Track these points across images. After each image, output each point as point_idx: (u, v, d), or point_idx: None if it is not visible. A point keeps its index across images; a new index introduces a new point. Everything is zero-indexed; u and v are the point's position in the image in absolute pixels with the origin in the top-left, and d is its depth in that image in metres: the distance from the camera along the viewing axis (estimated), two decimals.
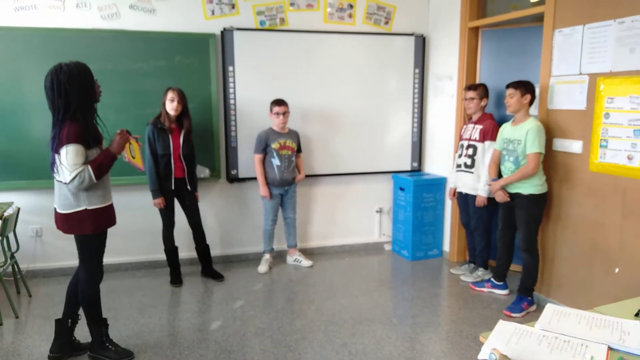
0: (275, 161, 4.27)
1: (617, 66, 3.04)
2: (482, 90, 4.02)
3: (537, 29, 3.79)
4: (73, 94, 2.53)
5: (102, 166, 2.63)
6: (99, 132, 2.72)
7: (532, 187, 3.44)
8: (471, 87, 4.06)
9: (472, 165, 4.02)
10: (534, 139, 3.35)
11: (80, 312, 2.91)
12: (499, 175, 3.69)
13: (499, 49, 4.30)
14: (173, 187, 3.92)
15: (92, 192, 2.64)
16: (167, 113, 3.83)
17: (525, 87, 3.45)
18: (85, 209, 2.64)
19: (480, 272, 4.17)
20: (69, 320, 2.87)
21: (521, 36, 4.12)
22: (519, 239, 3.57)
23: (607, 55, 3.10)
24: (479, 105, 4.02)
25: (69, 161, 2.52)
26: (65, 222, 2.67)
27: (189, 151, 3.97)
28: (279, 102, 4.23)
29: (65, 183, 2.57)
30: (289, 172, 4.35)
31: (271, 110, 4.24)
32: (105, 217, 2.73)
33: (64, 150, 2.51)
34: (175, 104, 3.82)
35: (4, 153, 3.94)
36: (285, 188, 4.41)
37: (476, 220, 4.11)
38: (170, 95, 3.82)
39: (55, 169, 2.60)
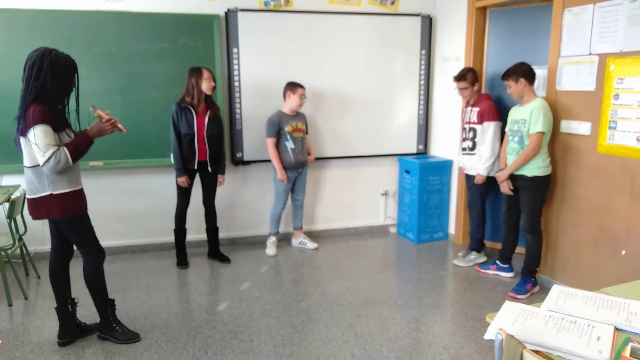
0: (290, 144, 4.25)
1: (628, 46, 2.99)
2: (471, 76, 3.97)
3: (546, 9, 3.72)
4: (50, 83, 2.50)
5: (80, 149, 2.58)
6: (66, 117, 2.68)
7: (535, 169, 3.43)
8: (459, 78, 3.99)
9: (473, 147, 4.03)
10: (537, 118, 3.33)
11: (79, 294, 2.93)
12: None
13: (507, 29, 4.23)
14: (196, 167, 3.94)
15: (57, 176, 2.58)
16: (200, 93, 3.83)
17: (516, 73, 3.43)
18: (51, 194, 2.58)
19: (473, 256, 4.16)
20: (68, 305, 2.89)
21: (530, 16, 4.05)
22: (523, 220, 3.57)
23: (618, 34, 3.04)
24: (473, 92, 4.01)
25: (39, 142, 2.46)
26: (33, 207, 2.63)
27: (216, 132, 3.96)
28: (303, 85, 4.22)
29: (40, 166, 2.51)
30: (302, 154, 4.35)
31: (294, 91, 4.18)
32: (73, 201, 2.65)
33: (31, 133, 2.46)
34: (212, 82, 3.85)
35: (10, 136, 3.93)
36: (299, 170, 4.41)
37: (470, 199, 4.16)
38: (206, 74, 3.82)
39: (21, 149, 2.56)
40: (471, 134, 4.04)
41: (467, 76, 3.97)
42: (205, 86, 3.83)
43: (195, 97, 3.83)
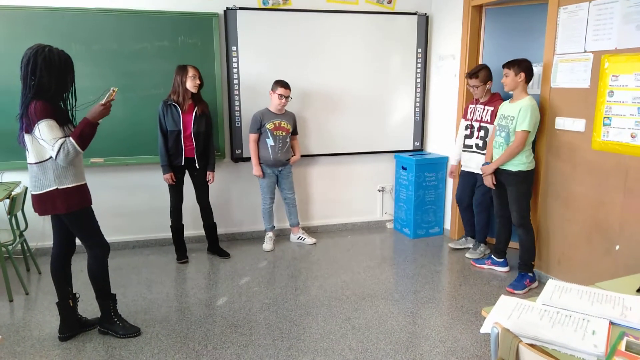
0: (270, 141, 4.28)
1: (622, 43, 3.02)
2: (484, 74, 3.93)
3: (542, 7, 3.75)
4: (47, 79, 2.51)
5: (84, 135, 2.58)
6: (67, 113, 2.69)
7: (520, 164, 3.51)
8: (472, 75, 3.95)
9: (484, 147, 4.00)
10: (524, 117, 3.40)
11: (80, 289, 2.93)
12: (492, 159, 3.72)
13: (502, 27, 4.26)
14: (183, 164, 3.96)
15: (62, 171, 2.61)
16: (185, 90, 3.84)
17: (519, 66, 3.46)
18: (57, 189, 2.60)
19: (482, 248, 4.24)
20: (69, 300, 2.91)
21: (525, 14, 4.08)
22: (513, 215, 3.62)
23: (613, 32, 3.08)
24: (484, 90, 3.98)
25: (45, 137, 2.48)
26: (38, 203, 2.65)
27: (203, 129, 3.97)
28: (285, 85, 4.19)
29: (53, 159, 2.54)
30: (283, 153, 4.35)
31: (274, 89, 4.21)
32: (78, 196, 2.68)
33: (37, 129, 2.48)
34: (197, 80, 3.86)
35: (11, 133, 3.93)
36: (279, 168, 4.42)
37: (480, 198, 4.15)
38: (192, 72, 3.83)
39: (26, 147, 2.58)
40: (482, 133, 4.00)
41: (480, 74, 3.91)
42: (190, 84, 3.83)
43: (180, 95, 3.85)
